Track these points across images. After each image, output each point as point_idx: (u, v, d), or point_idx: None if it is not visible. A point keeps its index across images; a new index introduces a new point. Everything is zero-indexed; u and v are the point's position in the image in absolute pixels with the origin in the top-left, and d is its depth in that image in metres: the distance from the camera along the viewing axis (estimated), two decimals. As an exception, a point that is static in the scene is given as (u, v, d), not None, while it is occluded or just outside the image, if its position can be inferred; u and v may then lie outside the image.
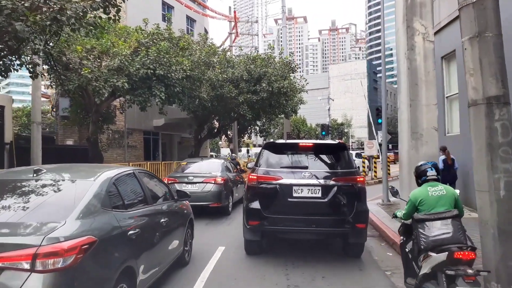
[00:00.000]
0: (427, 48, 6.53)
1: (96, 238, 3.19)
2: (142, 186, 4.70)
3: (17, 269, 2.74)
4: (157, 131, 23.18)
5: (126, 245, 3.70)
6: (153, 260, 4.38)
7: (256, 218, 5.97)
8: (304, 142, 6.69)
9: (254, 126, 31.31)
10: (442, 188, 4.02)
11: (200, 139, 22.78)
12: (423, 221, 3.85)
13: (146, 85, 13.87)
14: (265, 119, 27.11)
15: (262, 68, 19.34)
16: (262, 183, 6.04)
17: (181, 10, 26.25)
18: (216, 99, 19.20)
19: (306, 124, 61.03)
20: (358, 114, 77.03)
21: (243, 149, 44.26)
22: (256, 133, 32.71)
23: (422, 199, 3.99)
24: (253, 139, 62.41)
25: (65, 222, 3.09)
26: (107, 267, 3.36)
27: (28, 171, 4.04)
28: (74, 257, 2.89)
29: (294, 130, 52.47)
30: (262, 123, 30.69)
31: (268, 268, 5.87)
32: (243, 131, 30.94)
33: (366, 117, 78.86)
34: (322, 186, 5.81)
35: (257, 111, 20.26)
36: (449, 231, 3.68)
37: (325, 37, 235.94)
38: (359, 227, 5.84)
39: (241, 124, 28.43)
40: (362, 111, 78.18)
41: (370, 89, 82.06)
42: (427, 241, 3.72)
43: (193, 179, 10.50)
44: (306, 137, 55.61)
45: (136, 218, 4.10)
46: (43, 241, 2.81)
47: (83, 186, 3.69)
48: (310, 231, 6.08)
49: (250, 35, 40.85)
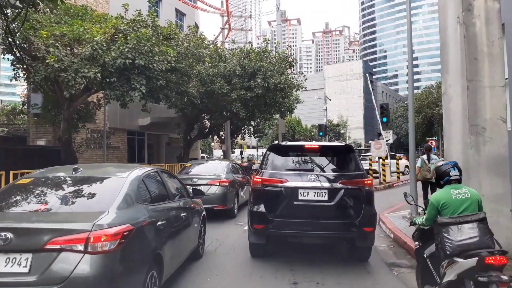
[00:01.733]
0: (490, 8, 4.74)
1: (134, 227, 3.54)
2: (164, 183, 5.08)
3: (73, 251, 3.08)
4: (143, 131, 21.42)
5: (156, 235, 4.05)
6: (176, 249, 4.74)
7: (261, 221, 5.79)
8: (310, 144, 6.51)
9: (248, 127, 29.67)
10: (467, 190, 3.79)
11: (189, 140, 21.05)
12: (447, 225, 3.61)
13: (124, 77, 12.15)
14: (259, 118, 25.45)
15: (256, 63, 17.69)
16: (267, 186, 5.81)
17: (169, 2, 24.55)
18: (206, 96, 17.51)
19: (301, 125, 59.47)
20: (354, 115, 75.68)
21: (236, 150, 42.33)
22: (250, 133, 31.07)
23: (445, 202, 3.75)
24: (246, 140, 60.60)
25: (108, 212, 3.46)
26: (142, 252, 3.70)
27: (68, 169, 4.44)
28: (118, 242, 3.25)
29: (289, 131, 50.87)
30: (257, 123, 29.06)
31: (273, 272, 5.65)
32: (236, 132, 29.27)
33: (362, 118, 77.69)
34: (329, 189, 5.61)
35: (251, 109, 18.59)
36: (476, 235, 3.48)
37: (319, 39, 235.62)
38: (366, 230, 5.59)
39: (234, 124, 26.78)
40: (358, 112, 76.94)
41: (366, 89, 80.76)
42: (452, 246, 3.49)
43: (198, 181, 10.19)
44: (302, 138, 54.02)
45: (162, 211, 4.47)
46: (93, 227, 3.17)
47: (118, 182, 4.08)
48: (317, 235, 5.87)
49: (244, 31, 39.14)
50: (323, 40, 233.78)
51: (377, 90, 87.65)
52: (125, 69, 11.98)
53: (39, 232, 3.15)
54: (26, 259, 3.08)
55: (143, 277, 3.65)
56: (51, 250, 3.09)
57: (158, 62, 12.35)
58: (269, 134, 61.66)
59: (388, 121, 17.99)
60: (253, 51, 18.64)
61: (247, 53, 18.60)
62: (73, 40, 11.69)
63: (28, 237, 3.14)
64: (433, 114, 43.03)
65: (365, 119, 78.31)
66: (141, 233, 3.73)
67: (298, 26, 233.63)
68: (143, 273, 3.66)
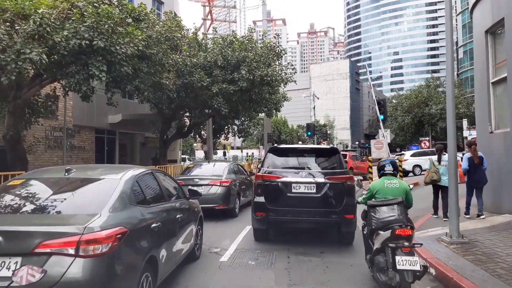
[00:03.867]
0: None
1: (127, 229, 3.49)
2: (159, 184, 5.03)
3: (63, 254, 3.02)
4: (114, 129, 19.25)
5: (150, 237, 3.99)
6: (171, 251, 4.67)
7: (262, 210, 6.88)
8: (302, 147, 8.10)
9: (231, 126, 27.71)
10: (397, 182, 5.01)
11: (166, 139, 18.98)
12: (374, 207, 4.76)
13: (81, 62, 10.10)
14: (244, 117, 23.53)
15: (241, 53, 15.79)
16: (267, 181, 6.93)
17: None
18: (183, 89, 15.52)
19: (287, 125, 57.90)
20: (340, 115, 74.35)
21: (219, 151, 40.07)
22: (234, 133, 29.11)
23: (379, 190, 4.97)
24: (230, 141, 58.52)
25: (100, 214, 3.40)
26: (135, 255, 3.66)
27: (60, 170, 4.35)
28: (110, 245, 3.21)
29: (275, 131, 49.15)
30: (241, 121, 27.13)
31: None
32: (219, 131, 27.28)
33: (348, 119, 76.53)
34: (316, 183, 6.69)
35: (234, 105, 16.66)
36: (394, 214, 4.53)
37: (304, 40, 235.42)
38: (348, 217, 6.58)
39: (217, 123, 24.83)
40: (344, 112, 75.68)
41: (352, 90, 79.62)
42: (377, 222, 4.59)
43: (199, 182, 10.44)
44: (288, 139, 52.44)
45: (157, 213, 4.41)
46: (85, 230, 3.13)
47: (111, 183, 3.99)
48: (307, 221, 6.94)
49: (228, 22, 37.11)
50: (308, 41, 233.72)
51: (363, 91, 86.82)
52: (82, 52, 9.96)
53: (29, 235, 3.10)
54: (15, 263, 3.03)
55: (137, 280, 3.60)
56: (41, 253, 3.03)
57: (122, 45, 10.34)
58: (254, 135, 59.81)
59: (386, 118, 16.38)
60: (236, 40, 16.72)
61: (230, 43, 16.68)
62: (16, 15, 9.58)
63: (17, 240, 3.10)
64: (423, 114, 41.93)
65: (352, 120, 77.15)
66: (135, 236, 3.68)
67: (283, 26, 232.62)
68: (137, 276, 3.61)
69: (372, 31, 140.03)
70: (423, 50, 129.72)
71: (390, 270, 4.24)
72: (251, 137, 58.16)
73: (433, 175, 8.76)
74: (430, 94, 42.94)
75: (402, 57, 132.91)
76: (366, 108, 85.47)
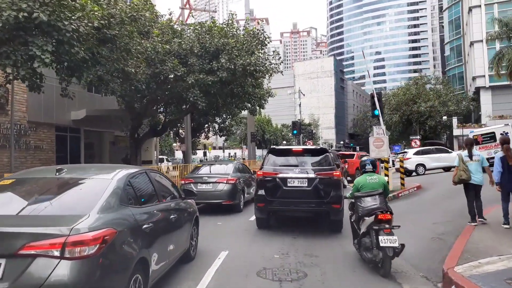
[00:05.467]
0: None
1: (116, 230, 3.42)
2: (153, 184, 4.95)
3: (48, 256, 2.96)
4: (78, 127, 17.12)
5: (141, 238, 3.91)
6: (164, 253, 4.59)
7: (262, 201, 8.08)
8: (297, 148, 9.14)
9: (212, 124, 25.83)
10: (376, 177, 6.04)
11: (137, 138, 16.98)
12: (360, 197, 5.79)
13: (18, 39, 8.17)
14: (225, 113, 21.70)
15: (220, 39, 13.98)
16: (266, 177, 8.06)
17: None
18: (154, 80, 13.61)
19: (271, 124, 56.24)
20: (325, 113, 73.02)
21: (199, 151, 37.86)
22: (215, 131, 27.23)
23: (362, 184, 5.96)
24: (212, 141, 56.44)
25: (89, 215, 3.34)
26: (125, 257, 3.57)
27: (51, 170, 4.28)
28: (98, 247, 3.13)
29: (259, 130, 47.45)
30: (222, 119, 25.29)
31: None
32: (198, 130, 25.34)
33: (333, 118, 75.35)
34: (308, 178, 7.80)
35: (213, 99, 14.83)
36: (376, 203, 5.53)
37: (287, 40, 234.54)
38: (335, 207, 7.67)
39: (196, 121, 22.91)
40: (329, 110, 74.41)
41: (337, 88, 78.42)
42: (363, 210, 5.57)
43: (207, 179, 11.22)
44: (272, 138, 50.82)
45: (149, 214, 4.34)
46: (71, 231, 3.06)
47: (102, 183, 3.91)
48: (300, 210, 8.21)
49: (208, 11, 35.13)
50: (291, 40, 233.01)
51: (348, 89, 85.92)
52: (21, 27, 8.03)
53: (14, 237, 3.05)
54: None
55: (126, 282, 3.51)
56: (26, 255, 2.97)
57: (72, 21, 8.44)
58: (238, 134, 57.90)
59: (381, 114, 14.85)
60: (215, 25, 14.90)
61: (209, 29, 14.86)
62: None
63: (1, 242, 3.02)
64: (411, 112, 40.80)
65: (337, 119, 75.97)
66: (124, 237, 3.60)
67: (267, 25, 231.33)
68: (126, 277, 3.52)
69: (355, 31, 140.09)
70: (405, 50, 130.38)
71: (375, 248, 5.15)
72: (234, 136, 56.27)
73: (461, 173, 7.43)
74: (419, 92, 41.97)
75: (384, 57, 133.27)
76: (351, 107, 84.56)
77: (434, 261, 5.78)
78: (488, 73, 37.29)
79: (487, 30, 36.02)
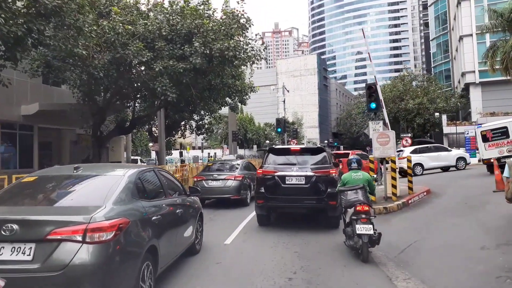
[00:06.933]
0: None
1: (129, 220, 3.82)
2: (160, 181, 5.35)
3: (72, 241, 3.34)
4: (31, 124, 14.79)
5: (150, 228, 4.28)
6: (171, 243, 4.98)
7: (262, 198, 8.23)
8: (295, 147, 9.83)
9: (189, 121, 23.66)
10: (361, 174, 6.60)
11: (100, 137, 14.78)
12: (343, 191, 6.32)
13: None
14: (203, 109, 19.60)
15: (194, 21, 11.95)
16: (266, 175, 8.22)
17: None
18: (114, 67, 11.47)
19: (253, 123, 54.29)
20: (309, 111, 71.31)
21: (174, 151, 35.39)
22: (192, 130, 25.06)
23: (348, 180, 6.53)
24: (191, 140, 54.02)
25: (105, 206, 3.74)
26: (137, 243, 3.98)
27: (70, 168, 4.70)
28: (114, 233, 3.53)
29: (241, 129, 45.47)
30: (200, 116, 23.14)
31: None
32: (174, 128, 23.08)
33: (317, 116, 73.90)
34: (305, 176, 7.96)
35: (187, 90, 12.76)
36: (357, 196, 6.05)
37: (269, 39, 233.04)
38: (331, 203, 7.75)
39: (171, 118, 20.72)
40: (313, 108, 72.83)
41: (321, 86, 76.90)
42: (345, 203, 6.18)
43: (217, 177, 12.23)
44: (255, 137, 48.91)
45: (157, 207, 4.72)
46: (91, 220, 3.46)
47: (116, 179, 4.34)
48: (298, 207, 8.29)
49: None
50: (273, 40, 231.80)
51: (331, 88, 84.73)
52: None
53: (42, 224, 3.40)
54: (30, 248, 3.34)
55: (139, 266, 3.88)
56: (52, 240, 3.32)
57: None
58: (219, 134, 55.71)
59: (379, 107, 13.08)
60: (188, 5, 12.82)
61: (181, 10, 12.80)
62: None
63: (31, 228, 3.40)
64: (398, 109, 39.43)
65: (320, 118, 74.48)
66: (136, 226, 3.96)
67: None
68: (138, 262, 3.88)
69: (336, 31, 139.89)
70: (386, 49, 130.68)
71: (355, 236, 5.77)
72: (215, 136, 54.05)
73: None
74: (406, 89, 40.69)
75: (365, 57, 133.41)
76: (334, 105, 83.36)
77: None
78: (478, 69, 36.27)
79: (477, 24, 34.98)
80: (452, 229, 7.60)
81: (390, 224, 8.25)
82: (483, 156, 15.77)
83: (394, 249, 6.33)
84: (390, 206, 9.52)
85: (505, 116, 29.35)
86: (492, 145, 14.97)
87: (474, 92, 37.72)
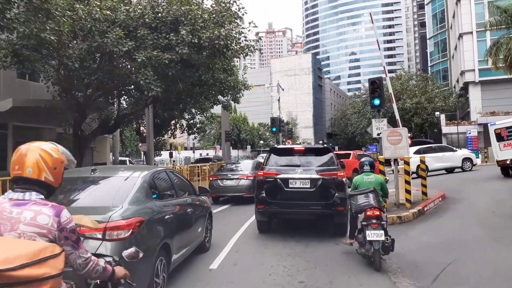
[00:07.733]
0: None
1: (144, 219, 4.11)
2: (172, 181, 5.68)
3: (93, 238, 3.47)
4: (4, 121, 13.53)
5: (164, 226, 4.61)
6: (183, 241, 5.30)
7: (263, 203, 7.62)
8: (298, 147, 8.98)
9: (179, 120, 22.52)
10: (373, 177, 6.33)
11: (82, 136, 13.59)
12: (353, 196, 6.00)
13: None
14: (193, 107, 18.48)
15: (181, 7, 10.84)
16: (267, 177, 7.66)
17: None
18: (92, 57, 10.31)
19: (247, 123, 53.25)
20: (303, 111, 70.27)
21: (164, 152, 34.01)
22: (183, 129, 23.92)
23: (359, 183, 6.26)
24: (183, 140, 52.73)
25: (122, 206, 4.02)
26: (152, 240, 4.30)
27: (87, 170, 4.97)
28: (131, 231, 3.83)
29: (234, 129, 44.35)
30: (191, 115, 22.01)
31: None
32: (163, 127, 21.92)
33: (311, 116, 73.00)
34: (310, 179, 7.37)
35: (173, 84, 11.63)
36: (367, 200, 5.71)
37: (262, 39, 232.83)
38: (339, 209, 7.24)
39: (160, 116, 19.59)
40: (307, 108, 71.90)
41: (315, 86, 75.97)
42: (356, 208, 5.85)
43: (231, 176, 13.32)
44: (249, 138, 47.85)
45: (170, 207, 5.04)
46: (109, 219, 3.78)
47: (131, 181, 4.60)
48: (303, 213, 7.73)
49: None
50: (267, 40, 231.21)
51: (325, 88, 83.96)
52: None
53: None
54: None
55: (153, 261, 4.20)
56: None
57: None
58: (212, 134, 54.54)
59: (383, 104, 12.10)
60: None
61: (167, -3, 11.68)
62: None
63: None
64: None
65: (315, 118, 73.53)
66: (150, 224, 4.26)
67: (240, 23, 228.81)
68: (153, 258, 4.20)
69: (330, 31, 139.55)
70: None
71: (367, 243, 5.45)
72: (208, 136, 52.87)
73: None
74: (403, 88, 39.86)
75: (359, 57, 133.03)
76: (329, 106, 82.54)
77: None
78: (478, 67, 35.51)
79: (477, 21, 34.25)
80: (492, 246, 6.27)
81: (408, 237, 7.11)
82: (498, 157, 14.55)
83: (424, 275, 5.07)
84: (405, 214, 8.36)
85: (505, 115, 28.55)
86: (508, 144, 13.67)
87: (473, 91, 36.89)
